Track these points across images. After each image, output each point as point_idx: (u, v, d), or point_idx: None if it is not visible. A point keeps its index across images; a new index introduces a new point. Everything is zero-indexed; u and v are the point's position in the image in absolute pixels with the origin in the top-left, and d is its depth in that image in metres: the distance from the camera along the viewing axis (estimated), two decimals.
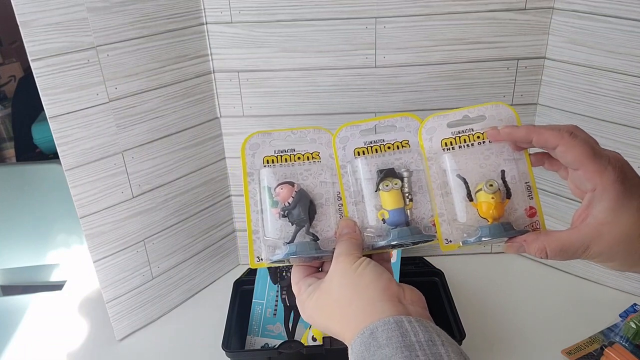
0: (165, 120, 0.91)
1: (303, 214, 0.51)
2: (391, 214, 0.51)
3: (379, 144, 0.54)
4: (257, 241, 0.52)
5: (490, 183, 0.50)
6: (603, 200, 0.44)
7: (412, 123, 0.54)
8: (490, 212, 0.50)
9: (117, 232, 0.89)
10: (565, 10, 0.90)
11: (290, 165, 0.54)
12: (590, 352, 0.86)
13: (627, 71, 0.87)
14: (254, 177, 0.53)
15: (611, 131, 0.92)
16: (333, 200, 0.53)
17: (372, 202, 0.52)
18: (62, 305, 1.08)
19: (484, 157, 0.52)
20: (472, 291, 1.02)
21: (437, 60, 0.95)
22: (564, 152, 0.46)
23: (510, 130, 0.50)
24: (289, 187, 0.52)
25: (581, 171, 0.45)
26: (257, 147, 0.54)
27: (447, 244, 0.51)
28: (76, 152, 0.81)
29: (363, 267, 0.47)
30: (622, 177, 0.44)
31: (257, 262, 0.52)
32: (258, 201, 0.53)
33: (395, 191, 0.51)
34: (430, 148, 0.53)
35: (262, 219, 0.52)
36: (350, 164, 0.54)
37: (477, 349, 0.89)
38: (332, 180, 0.54)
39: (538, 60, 0.95)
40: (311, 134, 0.55)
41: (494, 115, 0.53)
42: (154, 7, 0.83)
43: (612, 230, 0.43)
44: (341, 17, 0.92)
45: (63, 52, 0.76)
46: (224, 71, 0.96)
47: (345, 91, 0.98)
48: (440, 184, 0.52)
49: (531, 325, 0.94)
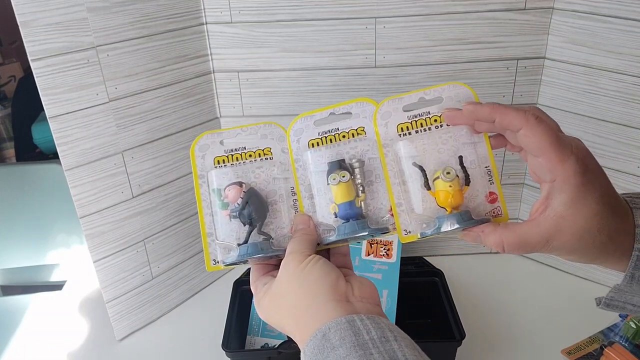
0: (165, 120, 0.91)
1: (254, 214, 0.50)
2: (340, 208, 0.50)
3: (334, 134, 0.52)
4: (212, 244, 0.51)
5: (448, 171, 0.48)
6: (563, 192, 0.42)
7: (368, 108, 0.52)
8: (449, 200, 0.47)
9: (117, 232, 0.89)
10: (565, 10, 0.90)
11: (242, 163, 0.52)
12: (590, 352, 0.86)
13: (627, 71, 0.87)
14: (204, 179, 0.52)
15: (611, 131, 0.92)
16: (286, 197, 0.52)
17: (326, 196, 0.51)
18: (62, 305, 1.08)
19: (442, 142, 0.49)
20: (472, 291, 1.02)
21: (437, 60, 0.95)
22: (527, 137, 0.43)
23: (474, 108, 0.46)
24: (237, 188, 0.51)
25: (542, 159, 0.43)
26: (207, 148, 0.52)
27: (406, 235, 0.49)
28: (76, 152, 0.81)
29: (311, 265, 0.46)
30: (583, 168, 0.42)
31: (213, 265, 0.51)
32: (210, 203, 0.52)
33: (344, 184, 0.49)
34: (385, 134, 0.50)
35: (214, 221, 0.51)
36: (304, 156, 0.52)
37: (477, 349, 0.89)
38: (284, 176, 0.52)
39: (538, 60, 0.95)
40: (262, 130, 0.53)
41: (451, 97, 0.50)
42: (154, 7, 0.84)
43: (572, 224, 0.42)
44: (341, 17, 0.92)
45: (63, 52, 0.76)
46: (224, 71, 0.96)
47: (345, 91, 0.98)
48: (396, 172, 0.49)
49: (531, 325, 0.94)
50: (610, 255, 0.43)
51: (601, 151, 0.95)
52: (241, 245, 0.50)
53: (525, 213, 1.10)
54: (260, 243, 0.50)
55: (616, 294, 0.44)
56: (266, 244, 0.50)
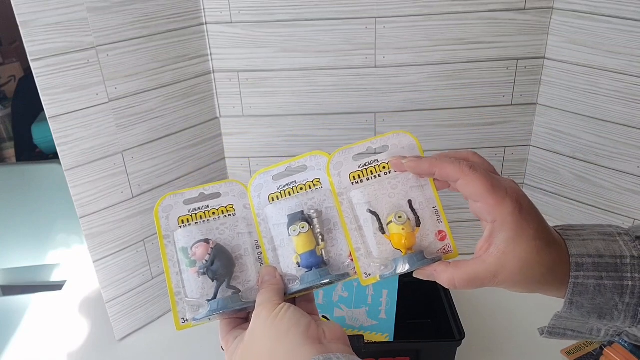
0: (165, 120, 0.91)
1: (222, 269, 0.51)
2: (302, 258, 0.52)
3: (292, 187, 0.54)
4: (180, 302, 0.52)
5: (399, 215, 0.51)
6: (503, 230, 0.46)
7: (321, 160, 0.55)
8: (402, 242, 0.51)
9: (117, 232, 0.89)
10: (565, 10, 0.90)
11: (206, 221, 0.54)
12: (589, 352, 0.86)
13: (627, 71, 0.87)
14: (170, 239, 0.53)
15: (611, 131, 0.92)
16: (252, 250, 0.53)
17: (288, 247, 0.53)
18: (62, 305, 1.08)
19: (392, 187, 0.53)
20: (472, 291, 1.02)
21: (437, 60, 0.95)
22: (465, 186, 0.47)
23: (415, 165, 0.52)
24: (204, 245, 0.52)
25: (480, 204, 0.47)
26: (171, 209, 0.53)
27: (366, 278, 0.52)
28: (76, 152, 0.81)
29: (283, 313, 0.47)
30: (518, 208, 0.46)
31: (183, 324, 0.51)
32: (176, 262, 0.52)
33: (304, 234, 0.52)
34: (339, 183, 0.53)
35: (182, 280, 0.52)
36: (263, 211, 0.54)
37: (477, 349, 0.89)
38: (248, 231, 0.54)
39: (537, 60, 0.95)
40: (223, 188, 0.55)
41: (396, 144, 0.54)
42: (154, 7, 0.84)
43: (513, 259, 0.46)
44: (341, 17, 0.92)
45: (63, 52, 0.76)
46: (224, 71, 0.96)
47: (345, 91, 0.98)
48: (352, 219, 0.52)
49: (531, 325, 0.94)
50: (550, 285, 0.47)
51: (601, 151, 0.95)
52: (211, 301, 0.51)
53: None
54: (229, 297, 0.51)
55: (557, 322, 0.49)
56: (235, 298, 0.51)
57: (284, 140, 1.02)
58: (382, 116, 1.00)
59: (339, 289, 0.90)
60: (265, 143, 1.03)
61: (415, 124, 1.00)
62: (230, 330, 0.52)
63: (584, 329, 0.49)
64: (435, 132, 1.01)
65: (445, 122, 1.00)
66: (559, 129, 0.98)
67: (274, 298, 0.49)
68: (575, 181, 1.00)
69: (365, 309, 0.88)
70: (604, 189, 0.97)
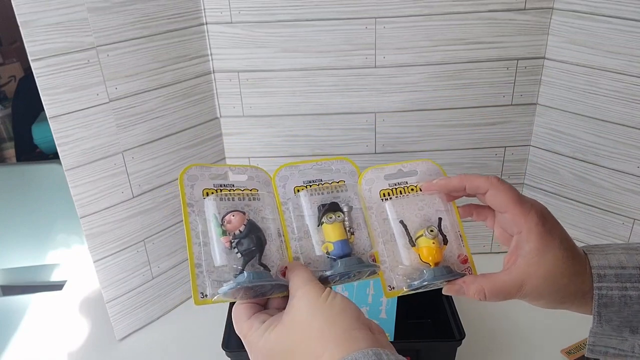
0: (166, 120, 0.91)
1: (253, 244, 0.49)
2: (335, 246, 0.52)
3: (318, 183, 0.56)
4: (200, 275, 0.48)
5: (431, 228, 0.53)
6: (529, 241, 0.48)
7: (347, 165, 0.57)
8: (432, 256, 0.52)
9: (117, 232, 0.89)
10: (565, 11, 0.90)
11: (231, 199, 0.52)
12: None
13: (627, 71, 0.87)
14: (194, 208, 0.50)
15: (611, 131, 0.92)
16: (275, 237, 0.52)
17: (315, 237, 0.53)
18: (62, 305, 1.08)
19: (419, 208, 0.55)
20: None
21: (437, 60, 0.95)
22: (494, 196, 0.50)
23: (446, 182, 0.54)
24: (241, 215, 0.50)
25: (508, 214, 0.50)
26: (196, 179, 0.52)
27: (390, 291, 0.53)
28: (76, 152, 0.81)
29: (332, 296, 0.47)
30: (543, 220, 0.48)
31: (202, 299, 0.48)
32: (199, 233, 0.50)
33: (339, 223, 0.52)
34: (370, 198, 0.55)
35: (204, 252, 0.49)
36: (291, 201, 0.54)
37: (477, 349, 0.89)
38: (272, 217, 0.53)
39: (538, 61, 0.95)
40: (249, 172, 0.54)
41: (424, 171, 0.57)
42: (154, 7, 0.84)
43: (539, 268, 0.48)
44: (341, 18, 0.92)
45: (63, 52, 0.76)
46: (224, 71, 0.96)
47: (345, 91, 0.98)
48: (381, 232, 0.54)
49: (531, 325, 0.94)
50: (574, 297, 0.49)
51: (601, 151, 0.95)
52: (238, 275, 0.48)
53: None
54: (263, 272, 0.49)
55: (595, 339, 0.49)
56: (266, 274, 0.49)
57: (284, 140, 1.03)
58: (382, 116, 1.00)
59: (339, 289, 0.90)
60: (265, 143, 1.03)
61: (415, 124, 1.00)
62: (251, 315, 0.49)
63: (625, 346, 0.49)
64: (435, 132, 1.01)
65: (445, 122, 1.00)
66: (559, 129, 0.98)
67: (315, 280, 0.48)
68: (575, 181, 1.00)
69: (366, 309, 0.88)
70: (604, 189, 0.97)
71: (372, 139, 1.02)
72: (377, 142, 1.03)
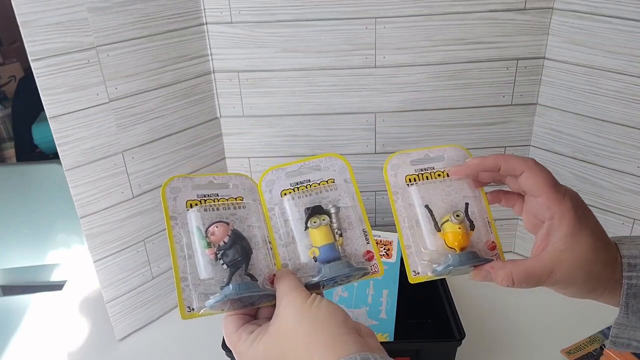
0: (166, 120, 0.91)
1: (239, 255, 0.48)
2: (321, 250, 0.51)
3: (305, 185, 0.54)
4: (186, 289, 0.47)
5: (457, 213, 0.52)
6: (561, 227, 0.47)
7: (336, 162, 0.55)
8: (457, 241, 0.51)
9: (117, 232, 0.89)
10: (565, 11, 0.90)
11: (215, 209, 0.51)
12: (589, 352, 0.87)
13: (627, 71, 0.87)
14: (177, 220, 0.49)
15: (611, 131, 0.92)
16: (262, 244, 0.51)
17: (302, 242, 0.52)
18: (62, 305, 1.08)
19: (446, 193, 0.54)
20: (472, 291, 1.02)
21: (437, 60, 0.95)
22: (529, 179, 0.49)
23: (479, 161, 0.52)
24: (225, 226, 0.49)
25: (541, 198, 0.48)
26: (179, 191, 0.51)
27: (415, 276, 0.53)
28: (76, 152, 0.81)
29: (318, 302, 0.46)
30: (576, 206, 0.47)
31: (189, 313, 0.47)
32: (184, 246, 0.49)
33: (324, 227, 0.51)
34: (395, 183, 0.54)
35: (189, 265, 0.48)
36: (278, 205, 0.53)
37: (477, 349, 0.89)
38: (258, 225, 0.52)
39: (537, 61, 0.95)
40: (233, 180, 0.53)
41: (452, 157, 0.56)
42: (154, 7, 0.84)
43: (571, 256, 0.46)
44: (341, 18, 0.92)
45: (63, 52, 0.76)
46: (224, 71, 0.96)
47: (345, 91, 0.98)
48: (406, 217, 0.53)
49: (531, 325, 0.94)
50: (604, 286, 0.47)
51: (601, 151, 0.95)
52: (224, 287, 0.47)
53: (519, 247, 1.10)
54: (247, 283, 0.48)
55: (619, 330, 0.48)
56: (253, 284, 0.48)
57: (284, 140, 1.03)
58: (382, 116, 1.00)
59: (339, 289, 0.90)
60: (265, 143, 1.03)
61: (415, 124, 1.00)
62: (240, 326, 0.49)
63: None
64: (435, 132, 1.01)
65: (445, 122, 1.00)
66: (559, 129, 0.98)
67: (300, 287, 0.48)
68: (575, 181, 1.00)
69: (366, 309, 0.88)
70: (604, 189, 0.97)
71: (372, 139, 1.02)
72: (377, 142, 1.02)
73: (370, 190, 1.06)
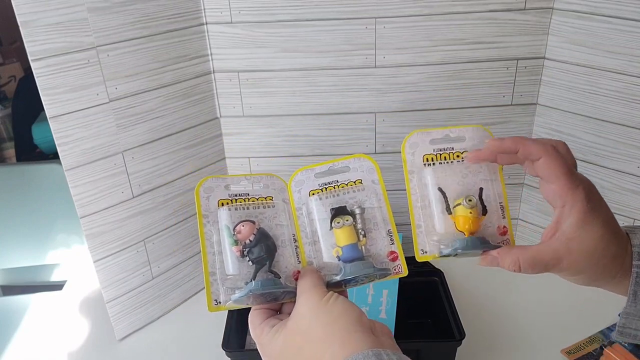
0: (166, 120, 0.91)
1: (264, 252, 0.51)
2: (344, 250, 0.52)
3: (333, 185, 0.55)
4: (214, 283, 0.51)
5: (469, 198, 0.52)
6: (572, 215, 0.47)
7: (365, 163, 0.56)
8: (467, 226, 0.52)
9: (117, 232, 0.89)
10: (565, 11, 0.90)
11: (245, 208, 0.54)
12: (589, 352, 0.86)
13: (627, 71, 0.87)
14: (209, 219, 0.53)
15: (611, 131, 0.92)
16: (289, 242, 0.54)
17: (327, 241, 0.54)
18: (62, 305, 1.08)
19: (462, 176, 0.54)
20: (472, 291, 1.02)
21: (437, 60, 0.95)
22: (545, 165, 0.48)
23: (498, 143, 0.52)
24: (250, 225, 0.52)
25: (555, 186, 0.48)
26: (212, 191, 0.54)
27: (422, 255, 0.53)
28: (76, 152, 0.81)
29: (334, 299, 0.47)
30: (589, 196, 0.47)
31: (215, 306, 0.51)
32: (214, 242, 0.52)
33: (348, 227, 0.53)
34: (412, 162, 0.55)
35: (217, 261, 0.52)
36: (305, 205, 0.55)
37: (477, 349, 0.89)
38: (286, 223, 0.54)
39: (538, 61, 0.95)
40: (264, 180, 0.56)
41: (472, 137, 0.55)
42: (154, 7, 0.84)
43: (580, 245, 0.46)
44: (341, 18, 0.92)
45: (63, 52, 0.76)
46: (224, 71, 0.96)
47: (345, 91, 0.98)
48: (419, 197, 0.54)
49: (531, 324, 0.94)
50: (613, 276, 0.48)
51: (601, 151, 0.95)
52: (249, 283, 0.51)
53: (525, 213, 1.10)
54: (270, 280, 0.51)
55: (627, 321, 0.48)
56: (276, 281, 0.51)
57: (284, 140, 1.03)
58: (382, 116, 1.00)
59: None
60: (265, 143, 1.03)
61: (415, 124, 1.00)
62: (264, 320, 0.51)
63: None
64: None
65: (445, 122, 1.00)
66: (559, 129, 0.98)
67: (319, 285, 0.49)
68: None
69: (366, 309, 0.88)
70: (604, 189, 0.97)
71: (372, 139, 1.02)
72: (377, 142, 1.03)
73: None
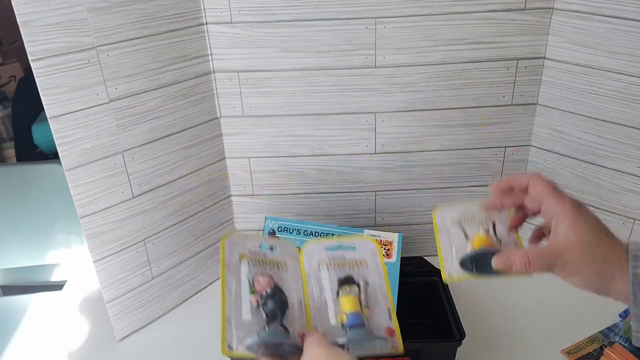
0: (166, 120, 0.91)
1: (277, 305, 0.56)
2: (349, 317, 0.57)
3: (340, 260, 0.61)
4: (229, 329, 0.55)
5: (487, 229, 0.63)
6: (564, 220, 0.54)
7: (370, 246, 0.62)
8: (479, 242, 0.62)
9: (117, 232, 0.89)
10: (565, 11, 0.90)
11: (263, 266, 0.59)
12: (589, 352, 0.86)
13: (627, 71, 0.87)
14: (230, 269, 0.58)
15: (611, 131, 0.92)
16: (298, 306, 0.58)
17: (333, 308, 0.59)
18: (62, 305, 1.08)
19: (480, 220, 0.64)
20: (472, 291, 1.02)
21: (437, 60, 0.95)
22: (533, 187, 0.58)
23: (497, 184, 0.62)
24: (269, 278, 0.57)
25: (545, 201, 0.56)
26: (234, 245, 0.60)
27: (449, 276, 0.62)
28: (76, 152, 0.81)
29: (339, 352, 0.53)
30: (576, 205, 0.55)
31: (228, 350, 0.54)
32: (232, 292, 0.57)
33: (353, 296, 0.58)
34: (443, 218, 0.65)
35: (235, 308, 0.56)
36: (314, 273, 0.61)
37: (477, 349, 0.89)
38: (296, 288, 0.59)
39: (538, 61, 0.95)
40: (280, 245, 0.61)
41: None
42: (154, 7, 0.84)
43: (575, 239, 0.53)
44: (341, 18, 0.92)
45: (63, 52, 0.76)
46: (224, 71, 0.96)
47: (345, 91, 0.98)
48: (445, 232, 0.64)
49: (531, 325, 0.94)
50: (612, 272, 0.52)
51: (601, 151, 0.95)
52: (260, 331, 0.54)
53: None
54: (282, 332, 0.55)
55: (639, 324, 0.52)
56: (286, 334, 0.55)
57: (284, 140, 1.03)
58: (382, 116, 1.00)
59: None
60: (265, 143, 1.03)
61: (415, 124, 1.00)
62: None
63: None
64: (435, 132, 1.01)
65: (446, 122, 1.00)
66: (559, 129, 0.98)
67: (325, 344, 0.53)
68: (575, 181, 1.00)
69: None
70: (604, 189, 0.97)
71: (372, 139, 1.02)
72: (377, 142, 1.03)
73: (370, 190, 1.06)
